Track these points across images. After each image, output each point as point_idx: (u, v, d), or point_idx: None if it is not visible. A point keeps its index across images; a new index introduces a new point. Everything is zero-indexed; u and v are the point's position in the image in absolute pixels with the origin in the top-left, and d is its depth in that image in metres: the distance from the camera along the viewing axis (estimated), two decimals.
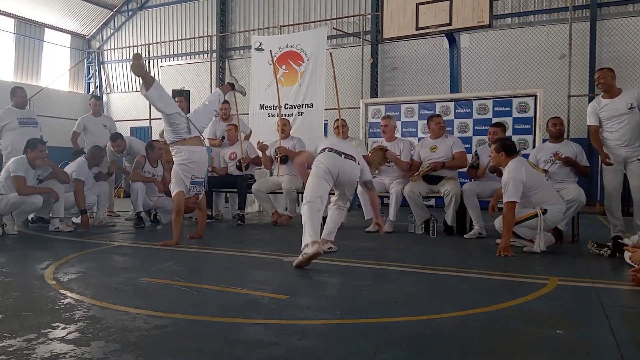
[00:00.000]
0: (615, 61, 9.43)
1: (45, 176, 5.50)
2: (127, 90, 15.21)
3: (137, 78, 4.84)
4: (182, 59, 14.22)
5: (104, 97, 15.47)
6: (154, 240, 4.70)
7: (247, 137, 7.20)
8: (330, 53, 7.12)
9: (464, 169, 5.61)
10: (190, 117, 4.73)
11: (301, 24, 11.70)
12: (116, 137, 6.55)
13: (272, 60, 7.37)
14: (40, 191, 5.32)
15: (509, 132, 6.25)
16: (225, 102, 7.13)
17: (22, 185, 5.18)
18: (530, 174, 4.17)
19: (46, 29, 14.44)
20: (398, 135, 6.45)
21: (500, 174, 5.03)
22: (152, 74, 5.39)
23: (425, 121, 5.98)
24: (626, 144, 4.61)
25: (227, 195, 7.48)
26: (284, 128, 6.43)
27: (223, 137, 6.99)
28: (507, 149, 4.32)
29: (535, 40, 10.03)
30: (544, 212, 4.15)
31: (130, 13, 15.08)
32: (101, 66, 15.75)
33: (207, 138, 7.19)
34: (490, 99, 6.62)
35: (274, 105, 7.76)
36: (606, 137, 4.75)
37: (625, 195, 4.97)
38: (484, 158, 5.28)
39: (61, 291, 2.87)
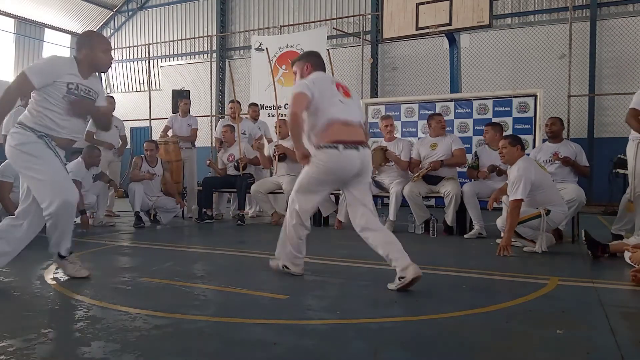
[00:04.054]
0: (615, 61, 9.44)
1: None
2: (127, 90, 15.19)
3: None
4: (182, 59, 14.22)
5: None
6: (154, 241, 4.70)
7: (259, 139, 7.02)
8: (328, 50, 7.10)
9: (464, 169, 5.61)
10: None
11: (301, 24, 11.70)
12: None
13: (270, 62, 7.35)
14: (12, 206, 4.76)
15: (508, 132, 6.26)
16: (237, 102, 7.09)
17: (5, 193, 4.91)
18: (538, 173, 4.18)
19: (46, 29, 14.43)
20: (397, 134, 6.45)
21: (499, 174, 5.04)
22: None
23: (426, 121, 5.97)
24: None
25: (230, 196, 7.46)
26: (280, 130, 6.40)
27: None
28: (522, 143, 4.32)
29: (535, 40, 10.03)
30: (547, 212, 4.15)
31: (130, 13, 15.08)
32: None
33: (215, 137, 7.19)
34: (490, 99, 6.63)
35: (273, 106, 7.76)
36: None
37: None
38: (484, 159, 5.29)
39: (61, 291, 2.87)
